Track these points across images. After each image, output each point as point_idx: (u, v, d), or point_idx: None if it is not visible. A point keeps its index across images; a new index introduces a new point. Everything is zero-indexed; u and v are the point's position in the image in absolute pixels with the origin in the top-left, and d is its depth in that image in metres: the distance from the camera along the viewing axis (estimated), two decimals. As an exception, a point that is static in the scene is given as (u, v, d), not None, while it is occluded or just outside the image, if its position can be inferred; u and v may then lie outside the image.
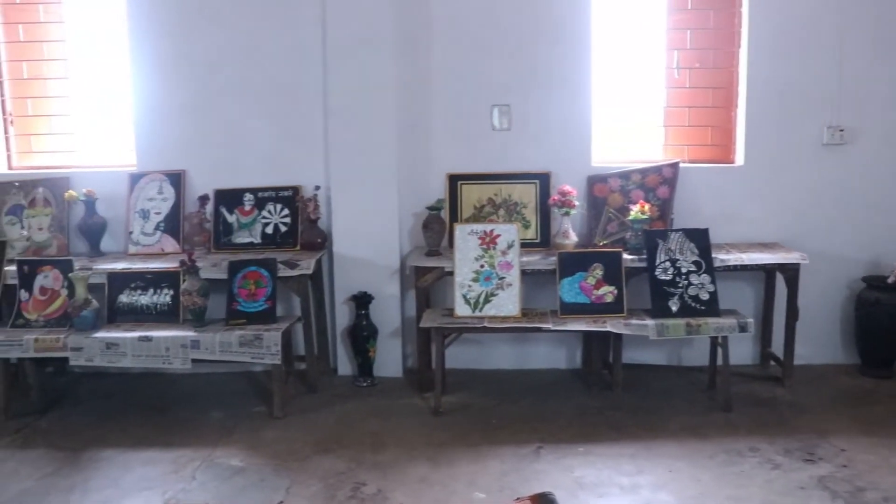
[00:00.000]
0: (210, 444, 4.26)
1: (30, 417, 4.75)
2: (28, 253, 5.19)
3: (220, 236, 5.21)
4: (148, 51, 5.27)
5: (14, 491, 3.84)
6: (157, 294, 4.77)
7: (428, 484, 3.79)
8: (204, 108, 5.28)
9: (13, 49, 5.55)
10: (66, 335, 4.57)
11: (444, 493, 3.70)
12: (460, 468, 3.94)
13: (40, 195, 5.33)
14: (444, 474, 3.88)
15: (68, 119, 5.59)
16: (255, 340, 4.45)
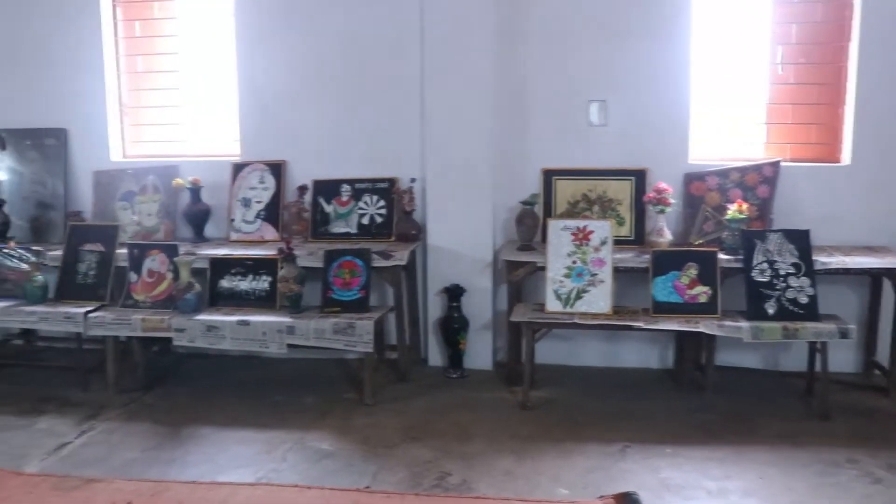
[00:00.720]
0: (302, 428, 4.39)
1: (136, 393, 5.00)
2: (138, 237, 5.44)
3: (317, 226, 5.34)
4: (253, 45, 5.46)
5: (120, 461, 4.07)
6: (255, 280, 4.94)
7: (512, 477, 3.81)
8: (305, 100, 5.42)
9: (130, 44, 5.82)
10: (171, 316, 4.78)
11: (527, 486, 3.72)
12: (545, 463, 3.95)
13: (150, 183, 5.58)
14: (529, 468, 3.90)
15: (178, 110, 5.83)
16: (349, 328, 4.56)
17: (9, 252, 5.32)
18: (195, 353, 5.53)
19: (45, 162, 5.84)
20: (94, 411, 4.74)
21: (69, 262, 5.22)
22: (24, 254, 5.27)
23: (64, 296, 5.17)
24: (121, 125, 5.83)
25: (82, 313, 4.91)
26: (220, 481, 3.79)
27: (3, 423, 4.61)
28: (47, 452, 4.20)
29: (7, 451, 4.24)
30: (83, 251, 5.22)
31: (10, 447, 4.29)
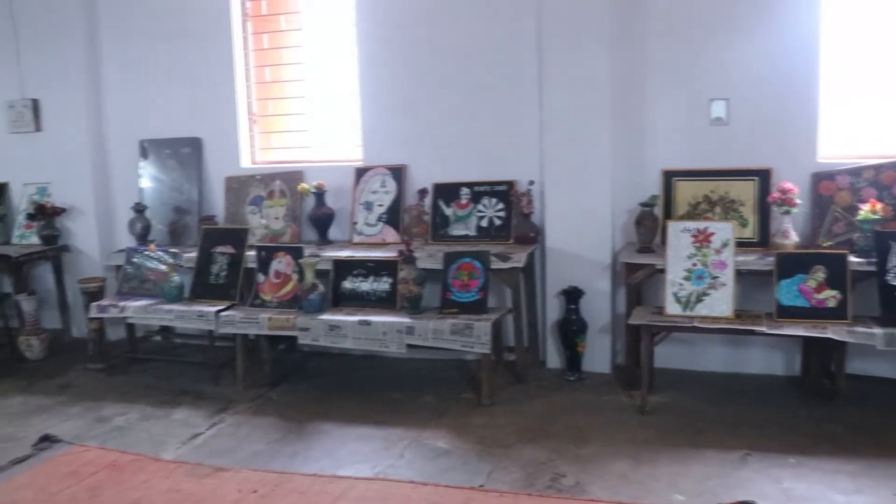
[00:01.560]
0: (419, 426, 4.48)
1: (263, 388, 5.22)
2: (265, 240, 5.68)
3: (437, 228, 5.43)
4: (374, 54, 5.61)
5: (247, 452, 4.26)
6: (376, 281, 5.07)
7: (627, 481, 3.77)
8: (424, 105, 5.53)
9: (259, 56, 6.09)
10: (296, 316, 4.97)
11: (642, 491, 3.68)
12: (661, 468, 3.89)
13: (277, 187, 5.82)
14: (644, 473, 3.85)
15: (303, 118, 6.05)
16: (467, 329, 4.62)
17: (149, 254, 5.65)
18: (318, 351, 5.73)
19: (181, 169, 6.18)
20: (225, 405, 4.98)
21: (203, 264, 5.51)
22: (162, 256, 5.59)
23: (197, 295, 5.46)
24: (250, 133, 6.11)
25: (214, 312, 5.17)
26: (340, 475, 3.91)
27: (144, 412, 4.92)
28: (182, 441, 4.45)
29: (147, 438, 4.53)
30: (215, 253, 5.50)
31: (150, 435, 4.57)
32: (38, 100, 6.64)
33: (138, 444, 4.44)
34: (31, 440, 4.57)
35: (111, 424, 4.77)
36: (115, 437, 4.59)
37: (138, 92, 6.33)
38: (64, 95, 6.46)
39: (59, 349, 6.38)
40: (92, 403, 5.13)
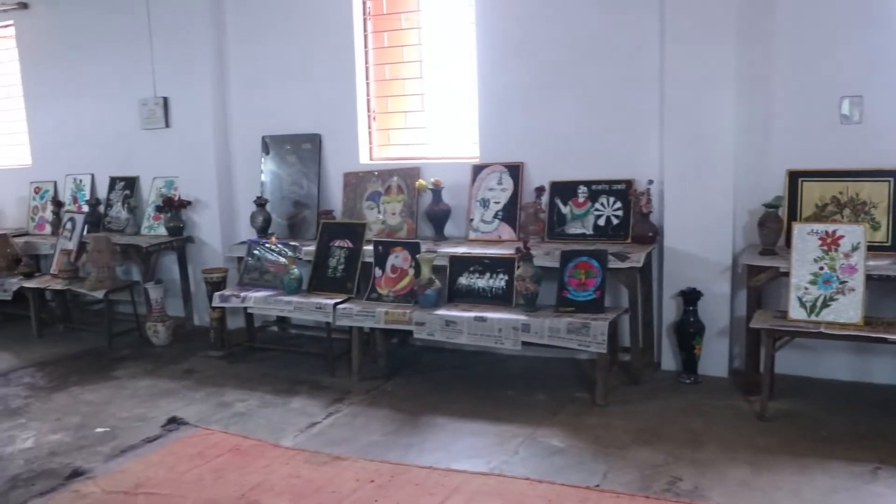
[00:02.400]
0: (533, 423, 4.47)
1: (378, 381, 5.31)
2: (382, 235, 5.78)
3: (553, 226, 5.41)
4: (492, 51, 5.63)
5: (363, 442, 4.34)
6: (492, 278, 5.08)
7: (748, 488, 3.67)
8: (542, 103, 5.51)
9: (378, 54, 6.19)
10: (412, 310, 5.03)
11: (764, 499, 3.57)
12: (784, 477, 3.77)
13: (395, 183, 5.91)
14: (766, 481, 3.74)
15: (421, 115, 6.12)
16: (583, 328, 4.59)
17: (270, 247, 5.83)
18: (431, 346, 5.79)
19: (301, 165, 6.35)
20: (341, 395, 5.09)
21: (321, 257, 5.64)
22: (283, 248, 5.75)
23: (316, 288, 5.60)
24: (369, 130, 6.22)
25: (332, 304, 5.29)
26: (455, 469, 3.94)
27: (264, 400, 5.07)
28: (300, 429, 4.57)
29: (266, 425, 4.67)
30: (333, 247, 5.62)
31: (269, 422, 4.71)
32: (167, 97, 6.93)
33: (258, 430, 4.58)
34: (160, 421, 4.79)
35: (232, 410, 4.94)
36: (236, 422, 4.75)
37: (261, 89, 6.54)
38: (192, 93, 6.73)
39: (181, 336, 6.65)
40: (214, 389, 5.33)
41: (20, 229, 8.01)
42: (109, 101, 7.34)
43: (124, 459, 4.29)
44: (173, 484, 3.95)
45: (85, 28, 7.42)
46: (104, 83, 7.36)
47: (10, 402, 5.31)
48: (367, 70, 6.18)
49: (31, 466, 4.27)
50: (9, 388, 5.61)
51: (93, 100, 7.47)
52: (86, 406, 5.15)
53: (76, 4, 7.45)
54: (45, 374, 5.91)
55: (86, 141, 7.61)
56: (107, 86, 7.34)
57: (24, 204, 8.15)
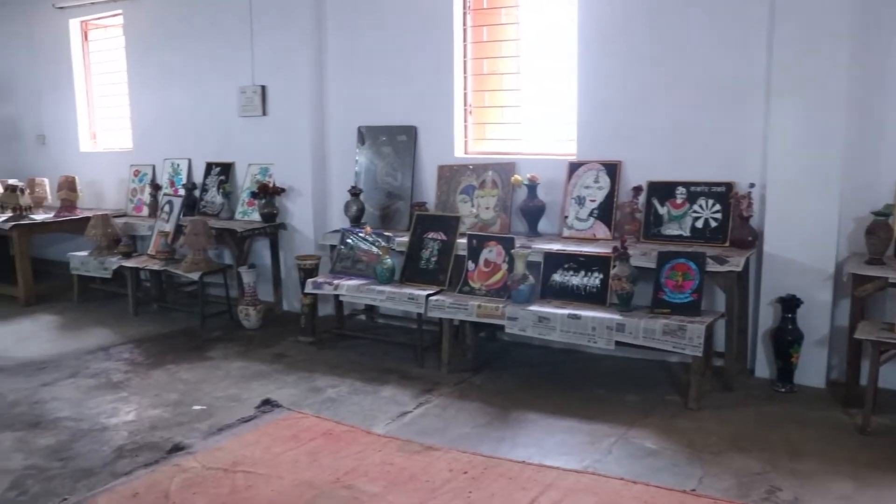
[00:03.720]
0: (625, 424, 4.44)
1: (466, 374, 5.33)
2: (475, 228, 5.79)
3: (649, 227, 5.35)
4: (594, 48, 5.57)
5: (454, 434, 4.37)
6: (587, 276, 5.05)
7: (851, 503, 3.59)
8: (643, 102, 5.45)
9: (477, 48, 6.20)
10: (505, 305, 5.03)
11: (870, 514, 3.49)
12: (891, 495, 3.65)
13: (489, 178, 5.91)
14: (871, 498, 3.62)
15: (517, 110, 6.11)
16: (679, 331, 4.53)
17: (364, 236, 5.90)
18: (518, 341, 5.80)
19: (396, 156, 6.40)
20: (430, 386, 5.12)
21: (414, 248, 5.68)
22: (377, 238, 5.81)
23: (407, 278, 5.64)
24: (464, 124, 6.23)
25: (424, 296, 5.32)
26: (548, 465, 3.94)
27: (354, 387, 5.14)
28: (391, 418, 4.62)
29: (358, 411, 4.73)
30: (427, 238, 5.66)
31: (360, 409, 4.78)
32: (265, 86, 7.06)
33: (350, 417, 4.65)
34: (254, 402, 4.90)
35: (324, 395, 5.02)
36: (328, 407, 4.82)
37: (359, 80, 6.62)
38: (289, 82, 6.85)
39: (271, 320, 6.78)
40: (305, 374, 5.42)
41: (119, 210, 8.28)
42: (209, 88, 7.52)
43: (221, 437, 4.40)
44: (270, 464, 4.04)
45: (188, 17, 7.62)
46: (204, 71, 7.55)
47: (112, 376, 5.49)
48: (465, 64, 6.20)
49: (134, 438, 4.42)
50: (110, 363, 5.81)
51: (193, 87, 7.67)
52: (182, 384, 5.30)
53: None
54: (142, 351, 6.10)
55: (184, 127, 7.82)
56: (207, 74, 7.53)
57: (124, 186, 8.42)
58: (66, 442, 4.41)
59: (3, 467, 4.11)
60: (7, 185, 8.06)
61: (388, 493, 3.70)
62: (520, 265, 5.07)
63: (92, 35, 8.93)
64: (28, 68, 9.34)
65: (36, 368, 5.73)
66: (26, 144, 9.62)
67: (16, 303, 7.78)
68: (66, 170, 8.66)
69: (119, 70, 8.51)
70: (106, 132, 9.00)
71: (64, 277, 8.48)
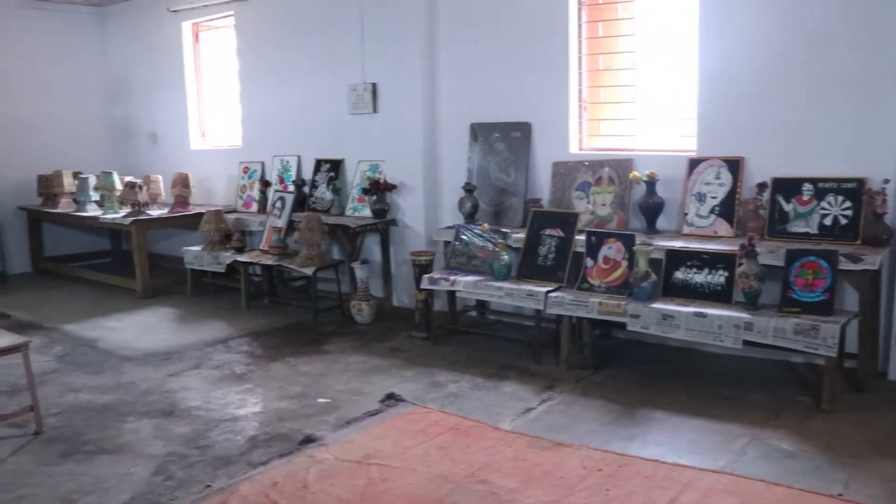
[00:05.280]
0: (756, 424, 4.35)
1: (585, 371, 5.31)
2: (591, 225, 5.76)
3: (774, 224, 5.22)
4: (716, 41, 5.46)
5: (582, 430, 4.36)
6: (711, 274, 4.97)
7: None
8: (766, 96, 5.31)
9: (592, 44, 6.16)
10: (627, 302, 4.99)
11: None
12: None
13: (606, 174, 5.87)
14: None
15: (633, 106, 6.05)
16: (812, 330, 4.42)
17: (479, 232, 5.92)
18: (633, 339, 5.75)
19: (509, 152, 6.41)
20: (550, 383, 5.12)
21: (531, 245, 5.68)
22: (493, 235, 5.82)
23: (524, 275, 5.64)
24: (579, 120, 6.20)
25: (543, 292, 5.32)
26: (683, 464, 3.89)
27: (474, 383, 5.17)
28: (516, 414, 4.63)
29: (482, 407, 4.76)
30: (544, 235, 5.65)
31: (484, 404, 4.80)
32: (376, 83, 7.15)
33: (475, 412, 4.67)
34: (377, 396, 4.97)
35: (446, 390, 5.06)
36: (451, 402, 4.86)
37: (471, 77, 6.64)
38: (401, 79, 6.92)
39: (382, 315, 6.87)
40: (423, 369, 5.48)
41: (229, 206, 8.50)
42: (319, 86, 7.66)
43: (350, 430, 4.48)
44: (402, 457, 4.09)
45: (299, 16, 7.77)
46: (314, 69, 7.69)
47: (235, 368, 5.65)
48: (580, 59, 6.16)
49: (265, 429, 4.53)
50: (230, 355, 5.98)
51: (302, 85, 7.82)
52: (303, 377, 5.41)
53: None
54: (260, 344, 6.25)
55: (294, 124, 7.98)
56: (317, 72, 7.67)
57: (234, 183, 8.63)
58: (201, 430, 4.55)
59: (147, 453, 4.28)
60: (126, 182, 8.35)
61: (525, 489, 3.71)
62: (642, 262, 5.02)
63: (202, 36, 9.19)
64: (143, 70, 9.68)
65: (161, 359, 5.93)
66: (140, 142, 9.97)
67: (133, 295, 8.06)
68: (177, 167, 8.93)
69: (228, 69, 8.73)
70: (215, 130, 9.24)
71: (174, 271, 8.77)
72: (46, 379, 5.53)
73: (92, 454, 4.30)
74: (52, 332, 6.83)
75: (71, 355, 6.14)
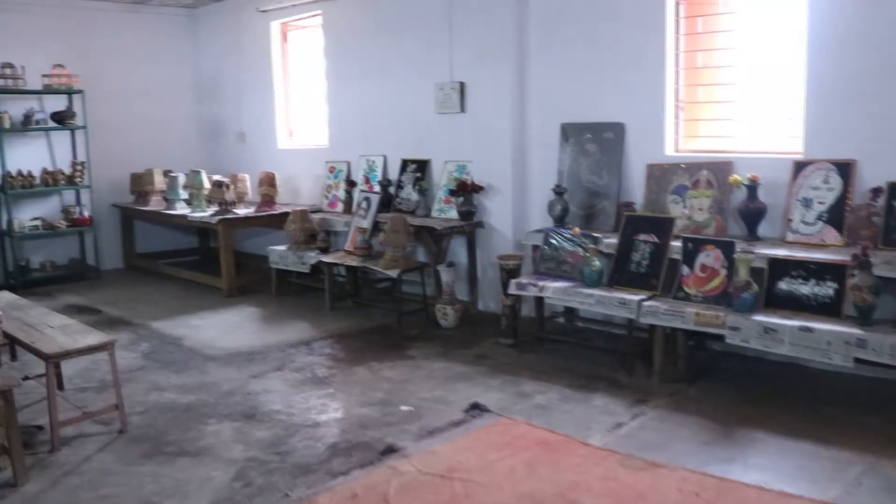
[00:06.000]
0: (871, 451, 4.01)
1: (679, 385, 5.04)
2: (687, 231, 5.48)
3: (890, 232, 4.85)
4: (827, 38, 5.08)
5: (677, 450, 4.11)
6: (818, 285, 4.64)
7: None
8: (883, 95, 4.93)
9: (690, 40, 5.86)
10: (726, 313, 4.71)
11: None
12: None
13: (703, 177, 5.58)
14: None
15: (733, 105, 5.73)
16: (934, 349, 4.08)
17: (569, 236, 5.70)
18: (730, 352, 5.45)
19: (601, 154, 6.16)
20: (642, 396, 4.87)
21: (623, 251, 5.43)
22: (583, 240, 5.60)
23: (616, 282, 5.41)
24: (676, 120, 5.91)
25: (636, 301, 5.07)
26: (790, 492, 3.61)
27: (563, 394, 4.97)
28: (606, 429, 4.41)
29: (570, 420, 4.55)
30: (637, 241, 5.40)
31: (573, 417, 4.60)
32: (464, 82, 6.99)
33: (563, 425, 4.47)
34: (461, 405, 4.82)
35: (532, 402, 4.87)
36: (538, 414, 4.67)
37: (562, 75, 6.42)
38: (489, 78, 6.74)
39: (467, 320, 6.71)
40: (510, 378, 5.29)
41: (314, 206, 8.47)
42: (405, 85, 7.55)
43: (433, 441, 4.33)
44: (486, 472, 3.92)
45: (386, 15, 7.68)
46: (401, 68, 7.58)
47: (317, 371, 5.57)
48: (677, 57, 5.87)
49: (346, 437, 4.42)
50: (313, 357, 5.91)
51: (389, 84, 7.72)
52: (386, 382, 5.29)
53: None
54: (342, 347, 6.17)
55: (380, 124, 7.90)
56: (404, 71, 7.56)
57: (319, 182, 8.60)
58: (282, 436, 4.47)
59: (227, 457, 4.22)
60: (214, 180, 8.40)
61: (617, 513, 3.51)
62: (743, 271, 4.73)
63: (290, 36, 9.19)
64: (232, 70, 9.78)
65: (244, 359, 5.90)
66: (228, 141, 10.07)
67: (219, 293, 8.11)
68: (264, 166, 8.96)
69: (315, 69, 8.71)
70: (301, 129, 9.24)
71: (258, 270, 8.79)
72: (133, 376, 5.57)
73: (174, 456, 4.27)
74: (140, 329, 6.90)
75: (157, 353, 6.18)
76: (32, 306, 5.55)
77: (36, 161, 9.05)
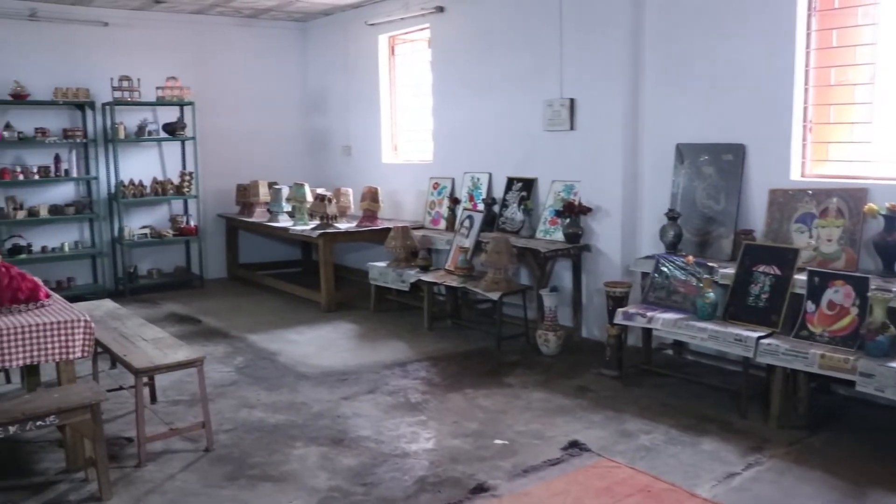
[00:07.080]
0: None
1: (799, 432, 4.60)
2: (813, 263, 5.02)
3: None
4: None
5: (799, 511, 3.70)
6: (967, 330, 4.15)
7: None
8: None
9: (822, 55, 5.40)
10: (857, 357, 4.25)
11: None
12: None
13: (833, 205, 5.11)
14: None
15: (870, 126, 5.24)
16: None
17: (682, 265, 5.33)
18: (858, 397, 4.94)
19: (719, 177, 5.75)
20: (758, 443, 4.46)
21: (741, 282, 5.03)
22: (697, 269, 5.22)
23: (731, 315, 5.01)
24: (803, 142, 5.45)
25: (754, 338, 4.67)
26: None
27: (669, 435, 4.60)
28: (717, 479, 4.03)
29: (677, 466, 4.19)
30: (756, 272, 4.99)
31: (679, 462, 4.23)
32: (574, 99, 6.70)
33: (668, 472, 4.11)
34: (559, 442, 4.53)
35: (636, 442, 4.52)
36: (642, 456, 4.32)
37: (679, 93, 6.03)
38: (601, 95, 6.41)
39: (569, 347, 6.39)
40: (612, 413, 4.96)
41: (416, 222, 8.31)
42: (513, 101, 7.31)
43: (527, 480, 4.05)
44: (583, 520, 3.62)
45: (495, 29, 7.47)
46: (509, 84, 7.35)
47: (410, 396, 5.36)
48: (807, 74, 5.42)
49: (435, 470, 4.19)
50: (407, 380, 5.70)
51: (497, 100, 7.50)
52: (481, 412, 5.04)
53: (489, 6, 7.53)
54: (438, 371, 5.94)
55: (486, 140, 7.68)
56: (512, 86, 7.33)
57: (422, 198, 8.44)
58: (368, 465, 4.28)
59: (310, 485, 4.05)
60: (317, 194, 8.35)
61: (728, 580, 3.14)
62: (878, 311, 4.27)
63: (398, 50, 9.09)
64: (340, 83, 9.76)
65: (337, 379, 5.75)
66: (334, 154, 10.05)
67: (317, 308, 8.03)
68: (368, 180, 8.87)
69: (421, 83, 8.57)
70: (406, 144, 9.11)
71: (358, 285, 8.69)
72: (225, 391, 5.51)
73: (257, 480, 4.14)
74: (237, 342, 6.86)
75: (251, 367, 6.11)
76: (130, 316, 5.55)
77: (147, 170, 9.25)
